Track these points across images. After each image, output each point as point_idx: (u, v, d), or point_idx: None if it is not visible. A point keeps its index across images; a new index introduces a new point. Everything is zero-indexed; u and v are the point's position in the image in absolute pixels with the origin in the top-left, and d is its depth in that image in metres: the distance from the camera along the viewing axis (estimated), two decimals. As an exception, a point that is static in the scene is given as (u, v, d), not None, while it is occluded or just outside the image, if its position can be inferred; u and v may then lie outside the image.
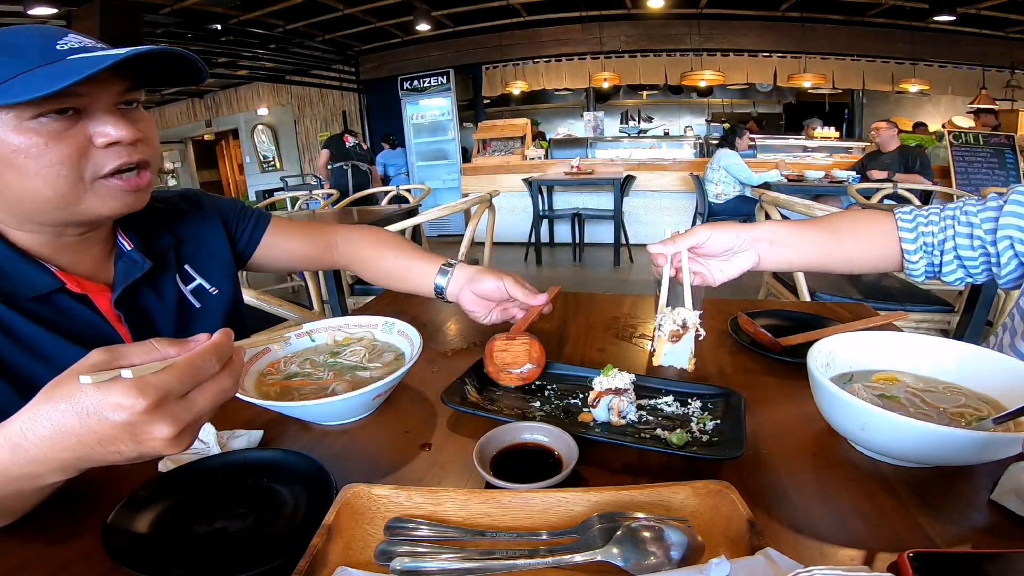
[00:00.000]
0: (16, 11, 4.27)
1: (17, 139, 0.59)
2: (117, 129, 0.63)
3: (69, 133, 0.61)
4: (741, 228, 0.76)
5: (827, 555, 0.44)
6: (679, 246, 0.73)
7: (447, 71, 7.22)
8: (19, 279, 0.66)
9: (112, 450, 0.41)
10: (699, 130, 7.55)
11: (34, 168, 0.60)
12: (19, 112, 0.58)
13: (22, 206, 0.64)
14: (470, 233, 2.19)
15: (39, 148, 0.59)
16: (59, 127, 0.60)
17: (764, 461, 0.57)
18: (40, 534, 0.49)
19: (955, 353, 0.64)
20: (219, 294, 0.86)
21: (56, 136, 0.60)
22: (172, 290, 0.80)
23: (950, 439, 0.47)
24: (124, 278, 0.73)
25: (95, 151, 0.63)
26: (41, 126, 0.59)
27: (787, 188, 4.60)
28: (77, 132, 0.62)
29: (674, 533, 0.41)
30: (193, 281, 0.84)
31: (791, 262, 0.80)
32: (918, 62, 6.38)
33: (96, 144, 0.63)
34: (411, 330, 0.78)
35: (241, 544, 0.47)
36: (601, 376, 0.65)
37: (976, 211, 0.76)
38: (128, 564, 0.42)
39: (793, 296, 2.03)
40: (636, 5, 6.29)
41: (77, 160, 0.62)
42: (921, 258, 0.79)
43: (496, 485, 0.50)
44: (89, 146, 0.63)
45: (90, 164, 0.63)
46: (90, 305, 0.71)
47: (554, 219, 5.87)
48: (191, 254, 0.85)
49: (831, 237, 0.80)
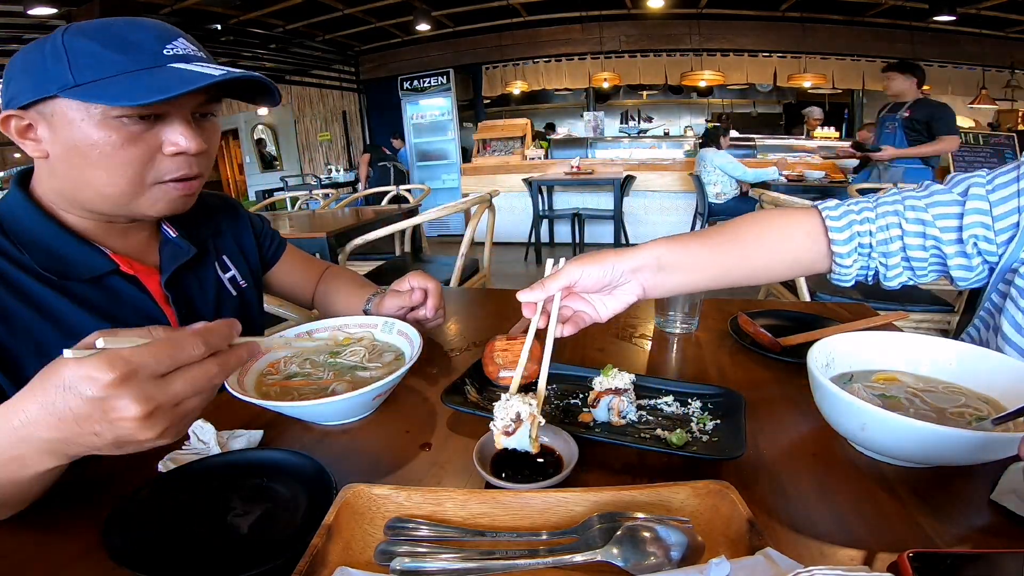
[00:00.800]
0: (16, 11, 4.26)
1: (97, 134, 0.61)
2: (187, 140, 0.65)
3: (143, 137, 0.63)
4: (619, 258, 0.64)
5: (827, 555, 0.44)
6: (549, 290, 0.62)
7: (447, 71, 7.22)
8: (75, 261, 0.67)
9: (88, 431, 0.39)
10: (699, 130, 7.55)
11: (103, 164, 0.62)
12: (108, 108, 0.60)
13: (79, 193, 0.66)
14: (470, 233, 2.19)
15: (114, 146, 0.62)
16: (138, 130, 0.63)
17: (764, 461, 0.57)
18: (40, 534, 0.49)
19: (955, 353, 0.64)
20: (248, 288, 0.90)
21: (132, 138, 0.62)
22: (212, 277, 0.84)
23: (950, 439, 0.47)
24: (171, 261, 0.76)
25: (161, 157, 0.66)
26: (122, 126, 0.62)
27: (787, 188, 4.60)
28: (151, 137, 0.64)
29: (674, 533, 0.41)
30: (229, 271, 0.87)
31: (684, 285, 0.68)
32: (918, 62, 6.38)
33: (164, 151, 0.65)
34: (411, 330, 0.78)
35: (241, 544, 0.46)
36: (601, 376, 0.65)
37: (924, 206, 0.68)
38: (128, 564, 0.42)
39: (793, 296, 2.03)
40: (636, 5, 6.29)
41: (143, 164, 0.64)
42: (855, 261, 0.70)
43: (496, 485, 0.50)
44: (157, 152, 0.65)
45: (153, 170, 0.66)
46: (140, 286, 0.73)
47: (554, 219, 5.87)
48: (227, 247, 0.89)
49: (734, 247, 0.69)
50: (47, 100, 0.61)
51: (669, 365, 0.86)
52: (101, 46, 0.60)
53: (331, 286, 1.05)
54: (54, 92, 0.59)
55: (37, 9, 4.16)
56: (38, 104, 0.61)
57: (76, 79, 0.59)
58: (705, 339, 0.93)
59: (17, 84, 0.62)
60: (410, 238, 3.37)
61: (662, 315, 0.97)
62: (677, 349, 0.91)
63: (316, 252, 2.28)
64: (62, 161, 0.64)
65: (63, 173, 0.65)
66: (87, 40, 0.60)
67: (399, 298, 0.88)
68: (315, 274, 1.07)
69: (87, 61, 0.59)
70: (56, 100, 0.60)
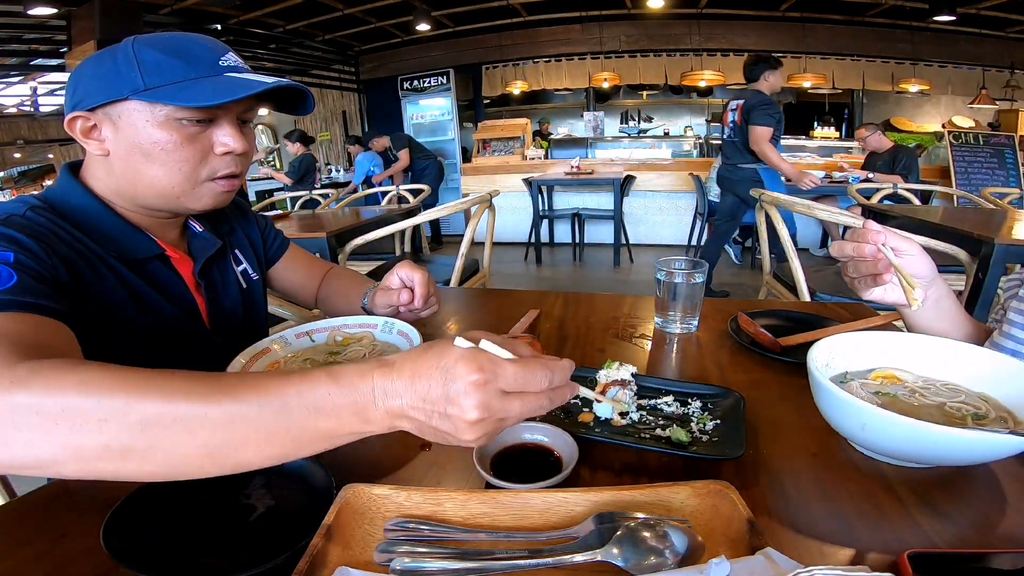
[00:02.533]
0: (16, 11, 4.26)
1: (160, 134, 0.67)
2: (235, 141, 0.72)
3: (199, 137, 0.70)
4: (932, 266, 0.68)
5: (827, 555, 0.44)
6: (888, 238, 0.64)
7: (447, 71, 7.21)
8: (129, 244, 0.74)
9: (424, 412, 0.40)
10: (699, 130, 7.55)
11: (163, 161, 0.69)
12: (171, 111, 0.67)
13: (135, 188, 0.72)
14: (470, 233, 2.19)
15: (174, 145, 0.68)
16: (195, 131, 0.70)
17: (764, 461, 0.57)
18: (40, 534, 0.49)
19: (954, 353, 0.64)
20: (257, 281, 0.96)
21: (190, 138, 0.69)
22: (230, 269, 0.90)
23: (950, 439, 0.47)
24: (202, 253, 0.83)
25: (212, 157, 0.73)
26: (182, 127, 0.68)
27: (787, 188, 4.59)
28: (204, 138, 0.71)
29: (674, 533, 0.41)
30: (241, 264, 0.93)
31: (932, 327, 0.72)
32: (918, 62, 6.38)
33: (215, 151, 0.72)
34: (411, 330, 0.79)
35: (241, 544, 0.47)
36: (605, 370, 0.66)
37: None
38: (128, 564, 0.42)
39: (793, 296, 2.03)
40: (636, 5, 6.28)
41: (197, 162, 0.71)
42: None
43: (496, 485, 0.50)
44: (209, 152, 0.72)
45: (205, 168, 0.73)
46: (177, 272, 0.80)
47: (554, 219, 5.86)
48: (239, 242, 0.95)
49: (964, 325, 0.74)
50: (116, 103, 0.66)
51: (669, 365, 0.86)
52: (167, 56, 0.66)
53: (333, 286, 1.06)
54: (126, 95, 0.65)
55: (37, 9, 4.16)
56: (106, 106, 0.67)
57: (146, 83, 0.65)
58: (705, 339, 0.93)
59: (86, 88, 0.67)
60: (410, 238, 3.37)
61: (662, 315, 0.97)
62: (677, 349, 0.91)
63: (316, 252, 2.28)
64: (122, 159, 0.70)
65: (121, 170, 0.71)
66: (154, 51, 0.66)
67: (387, 296, 0.89)
68: (318, 274, 1.08)
69: (155, 68, 0.65)
70: (125, 103, 0.66)
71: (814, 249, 5.16)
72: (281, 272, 1.05)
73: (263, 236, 1.01)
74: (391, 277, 0.91)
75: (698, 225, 5.07)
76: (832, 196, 4.51)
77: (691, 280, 0.93)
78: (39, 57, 5.91)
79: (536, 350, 0.74)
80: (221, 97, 0.65)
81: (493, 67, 7.48)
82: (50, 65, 6.06)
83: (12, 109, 8.61)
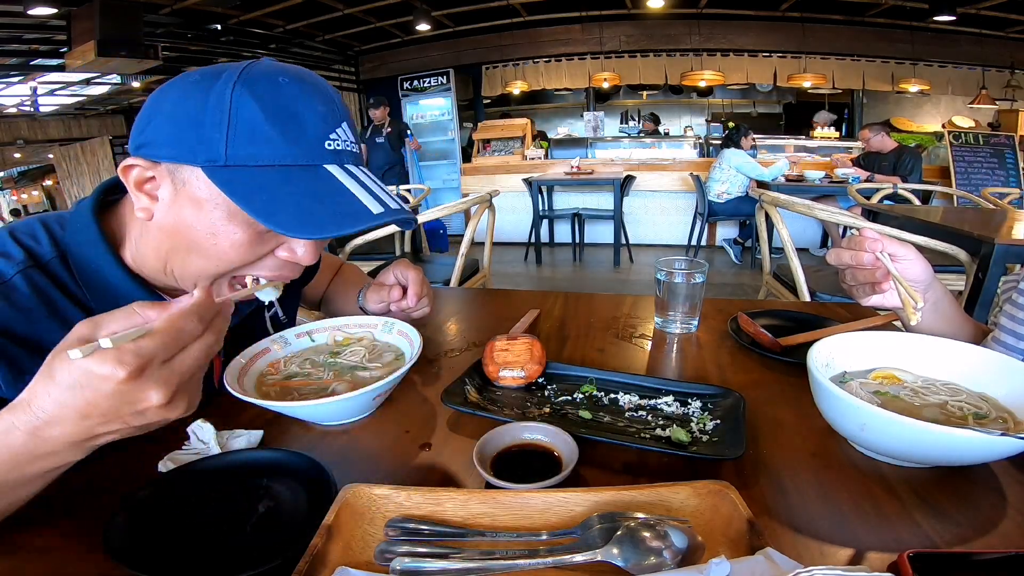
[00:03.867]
0: (16, 11, 4.26)
1: (225, 226, 0.55)
2: (308, 252, 0.61)
3: (265, 237, 0.58)
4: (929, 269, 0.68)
5: (827, 555, 0.44)
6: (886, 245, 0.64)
7: (447, 71, 7.22)
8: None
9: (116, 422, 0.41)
10: (699, 130, 7.55)
11: (211, 254, 0.56)
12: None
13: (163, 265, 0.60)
14: (470, 233, 2.19)
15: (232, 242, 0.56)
16: (264, 230, 0.57)
17: (764, 461, 0.57)
18: (40, 534, 0.49)
19: (954, 353, 0.64)
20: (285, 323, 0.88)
21: (256, 237, 0.57)
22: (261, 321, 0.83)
23: (950, 439, 0.47)
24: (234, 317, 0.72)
25: (269, 258, 0.60)
26: (252, 224, 0.55)
27: (787, 188, 4.60)
28: (271, 238, 0.59)
29: (674, 533, 0.41)
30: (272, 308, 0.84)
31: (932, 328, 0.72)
32: (918, 62, 6.38)
33: (276, 254, 0.60)
34: (411, 330, 0.78)
35: (241, 544, 0.47)
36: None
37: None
38: (128, 564, 0.42)
39: (793, 296, 2.03)
40: (636, 5, 6.28)
41: (248, 262, 0.59)
42: None
43: (496, 485, 0.50)
44: (270, 254, 0.60)
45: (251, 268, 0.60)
46: None
47: (554, 219, 5.87)
48: None
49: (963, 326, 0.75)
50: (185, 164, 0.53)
51: (669, 365, 0.86)
52: (264, 116, 0.51)
53: (338, 286, 1.06)
54: (200, 163, 0.52)
55: (37, 9, 4.16)
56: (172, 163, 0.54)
57: (229, 157, 0.51)
58: (705, 339, 0.93)
59: (160, 130, 0.53)
60: (410, 238, 3.37)
61: (662, 315, 0.97)
62: (677, 349, 0.91)
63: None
64: (165, 230, 0.57)
65: (158, 243, 0.59)
66: (253, 102, 0.51)
67: (379, 292, 0.89)
68: (327, 274, 1.07)
69: (247, 135, 0.51)
70: (195, 169, 0.53)
71: (814, 249, 5.17)
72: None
73: None
74: (386, 275, 0.91)
75: (698, 225, 5.07)
76: (832, 196, 4.51)
77: (691, 280, 0.93)
78: (39, 57, 5.91)
79: (536, 350, 0.75)
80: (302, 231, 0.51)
81: (493, 67, 7.48)
82: (50, 65, 6.05)
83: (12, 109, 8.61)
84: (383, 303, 0.89)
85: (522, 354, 0.74)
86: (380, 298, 0.89)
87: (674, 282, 0.94)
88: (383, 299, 0.88)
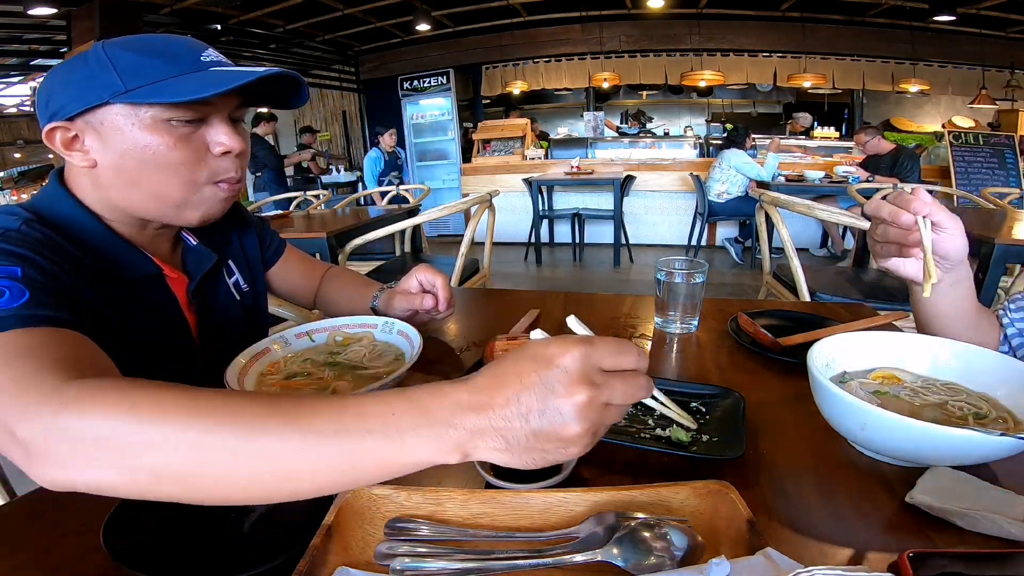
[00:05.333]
0: (16, 11, 4.26)
1: (149, 137, 0.62)
2: (231, 140, 0.67)
3: (192, 138, 0.66)
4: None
5: (827, 555, 0.44)
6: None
7: (447, 71, 7.21)
8: (122, 262, 0.69)
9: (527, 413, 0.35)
10: (699, 130, 7.54)
11: (157, 167, 0.64)
12: (157, 113, 0.62)
13: (128, 199, 0.67)
14: (470, 233, 2.19)
15: (168, 147, 0.63)
16: (186, 131, 0.65)
17: (764, 461, 0.57)
18: (40, 534, 0.49)
19: (955, 353, 0.64)
20: (249, 291, 0.91)
21: (183, 139, 0.64)
22: (222, 282, 0.85)
23: (950, 439, 0.47)
24: (197, 269, 0.79)
25: (210, 158, 0.68)
26: (172, 128, 0.63)
27: (787, 188, 4.60)
28: (197, 138, 0.66)
29: (674, 533, 0.41)
30: (233, 276, 0.88)
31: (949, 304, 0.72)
32: (918, 62, 6.38)
33: (213, 152, 0.68)
34: (411, 330, 0.79)
35: (241, 544, 0.47)
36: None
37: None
38: (128, 564, 0.42)
39: (793, 296, 2.03)
40: (636, 5, 6.28)
41: (195, 164, 0.66)
42: None
43: (496, 485, 0.50)
44: (206, 153, 0.67)
45: (205, 170, 0.68)
46: (170, 292, 0.75)
47: (554, 219, 5.86)
48: (233, 252, 0.90)
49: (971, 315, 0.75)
50: (96, 109, 0.61)
51: (669, 365, 0.86)
52: (143, 56, 0.61)
53: (334, 286, 1.05)
54: (106, 99, 0.60)
55: (37, 9, 4.16)
56: (86, 114, 0.62)
57: (126, 85, 0.60)
58: (705, 339, 0.93)
59: (61, 97, 0.62)
60: (410, 238, 3.37)
61: (662, 315, 0.97)
62: (677, 349, 0.91)
63: (316, 252, 2.28)
64: (111, 169, 0.64)
65: (110, 181, 0.65)
66: (129, 52, 0.61)
67: (408, 300, 0.89)
68: (316, 275, 1.07)
69: (133, 69, 0.60)
70: (105, 108, 0.61)
71: (814, 249, 5.16)
72: (279, 274, 1.03)
73: (260, 240, 0.97)
74: (410, 280, 0.90)
75: (698, 225, 5.07)
76: (832, 196, 4.52)
77: (691, 280, 0.93)
78: (39, 57, 5.91)
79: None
80: (209, 89, 0.60)
81: (493, 67, 7.48)
82: (50, 65, 6.06)
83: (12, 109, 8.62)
84: (411, 310, 0.89)
85: (522, 354, 0.74)
86: (409, 305, 0.88)
87: (674, 282, 0.94)
88: (414, 306, 0.88)
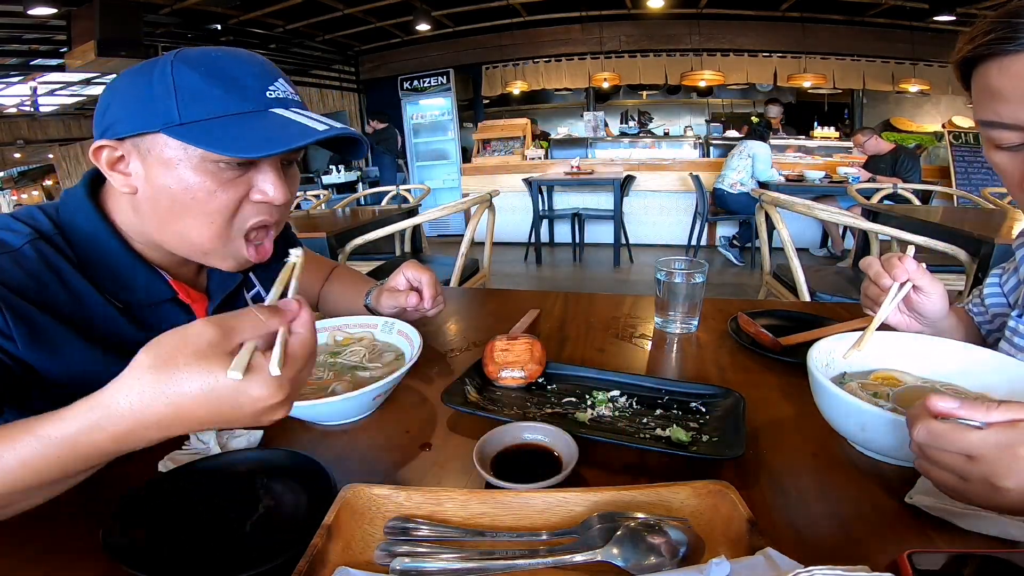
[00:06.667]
0: (16, 11, 4.26)
1: (194, 178, 0.58)
2: (277, 191, 0.63)
3: (235, 183, 0.61)
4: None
5: (827, 555, 0.44)
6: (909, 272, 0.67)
7: (447, 71, 7.21)
8: (138, 285, 0.66)
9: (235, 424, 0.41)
10: (699, 130, 7.54)
11: (194, 210, 0.60)
12: (207, 152, 0.57)
13: (161, 235, 0.64)
14: (470, 233, 2.19)
15: (208, 192, 0.59)
16: (232, 175, 0.60)
17: (764, 461, 0.57)
18: (40, 534, 0.49)
19: (955, 352, 0.64)
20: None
21: (225, 184, 0.60)
22: (242, 299, 0.82)
23: (950, 439, 0.47)
24: (220, 290, 0.76)
25: (245, 203, 0.63)
26: (219, 171, 0.59)
27: (787, 188, 4.60)
28: (241, 183, 0.62)
29: (674, 533, 0.41)
30: (254, 287, 0.85)
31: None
32: (918, 62, 6.37)
33: (251, 198, 0.63)
34: (411, 330, 0.78)
35: (241, 544, 0.46)
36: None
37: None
38: (128, 564, 0.42)
39: (793, 296, 2.03)
40: (636, 5, 6.28)
41: (232, 212, 0.62)
42: None
43: (496, 485, 0.50)
44: (244, 199, 0.63)
45: (238, 218, 0.63)
46: (189, 314, 0.72)
47: (554, 219, 5.87)
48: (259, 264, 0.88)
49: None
50: (146, 134, 0.58)
51: (669, 365, 0.86)
52: (207, 81, 0.57)
53: (334, 286, 1.06)
54: (159, 128, 0.57)
55: (37, 9, 4.16)
56: (135, 137, 0.58)
57: (182, 116, 0.56)
58: (705, 339, 0.93)
59: (118, 111, 0.59)
60: (410, 238, 3.37)
61: (662, 315, 0.97)
62: (677, 349, 0.91)
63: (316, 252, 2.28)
64: (150, 201, 0.61)
65: (148, 213, 0.62)
66: (195, 73, 0.57)
67: (394, 297, 0.89)
68: (322, 275, 1.08)
69: (193, 96, 0.56)
70: (156, 136, 0.57)
71: (814, 249, 5.17)
72: None
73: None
74: (397, 277, 0.91)
75: (698, 225, 5.07)
76: (832, 196, 4.51)
77: (691, 280, 0.93)
78: (39, 57, 5.90)
79: (536, 350, 0.75)
80: (266, 149, 0.56)
81: (493, 67, 7.47)
82: (50, 65, 6.05)
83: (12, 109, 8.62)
84: (398, 307, 0.89)
85: (522, 354, 0.74)
86: (395, 303, 0.89)
87: (674, 282, 0.94)
88: (399, 304, 0.88)
